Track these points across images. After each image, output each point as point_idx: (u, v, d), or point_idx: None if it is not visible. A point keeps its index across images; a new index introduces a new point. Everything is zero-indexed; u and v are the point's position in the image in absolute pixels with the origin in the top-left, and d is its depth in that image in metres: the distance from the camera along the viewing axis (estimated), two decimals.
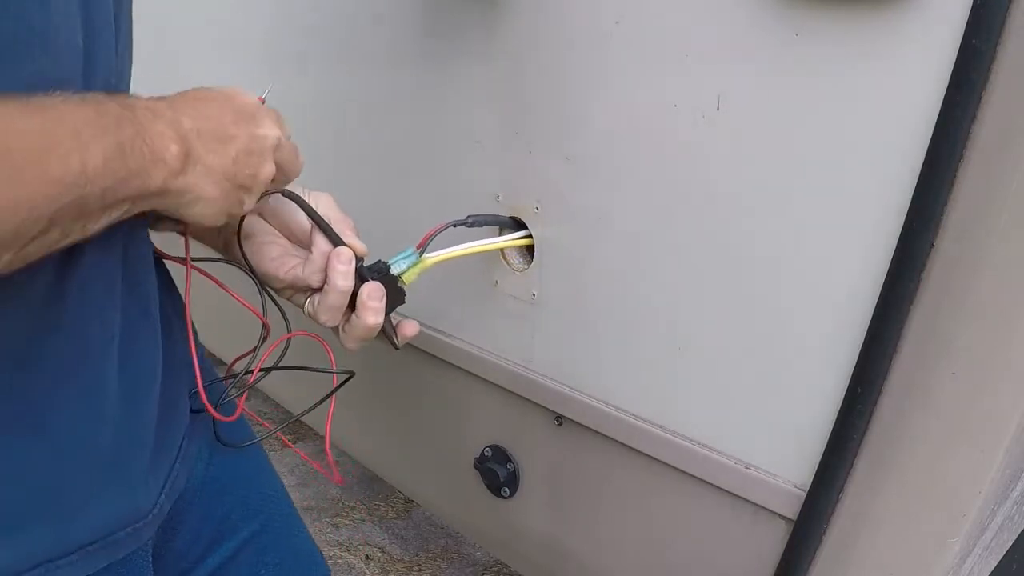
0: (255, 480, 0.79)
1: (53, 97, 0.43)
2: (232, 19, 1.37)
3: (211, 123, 0.53)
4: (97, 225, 0.46)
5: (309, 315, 0.67)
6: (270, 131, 0.57)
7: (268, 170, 0.57)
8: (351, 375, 0.71)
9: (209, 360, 0.76)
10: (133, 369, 0.58)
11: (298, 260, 0.67)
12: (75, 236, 0.45)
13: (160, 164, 0.47)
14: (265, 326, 0.67)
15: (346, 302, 0.64)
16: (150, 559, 0.63)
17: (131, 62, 0.61)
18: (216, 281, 0.69)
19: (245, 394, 0.68)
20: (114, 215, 0.46)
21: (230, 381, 0.67)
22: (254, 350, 0.67)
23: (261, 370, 0.66)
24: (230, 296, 0.69)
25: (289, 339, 0.68)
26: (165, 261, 0.68)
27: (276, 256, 0.67)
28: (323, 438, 0.74)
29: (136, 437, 0.59)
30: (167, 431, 0.64)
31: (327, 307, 0.63)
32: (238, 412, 0.69)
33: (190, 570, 0.71)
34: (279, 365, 0.69)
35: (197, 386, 0.64)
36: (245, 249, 0.66)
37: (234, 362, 0.71)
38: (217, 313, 0.83)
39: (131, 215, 0.49)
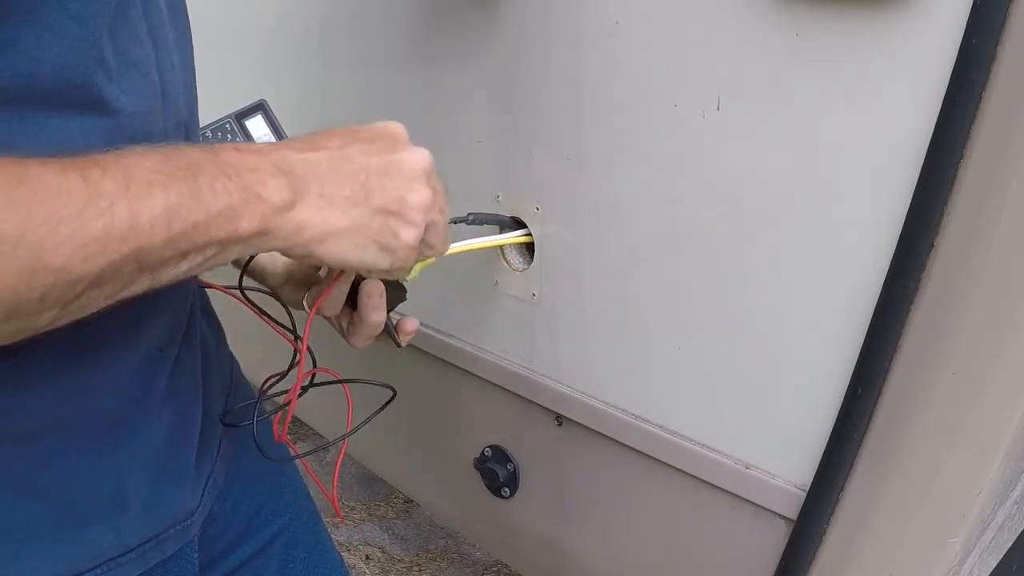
0: (282, 478, 0.81)
1: (110, 151, 0.40)
2: (231, 19, 1.37)
3: (331, 150, 0.49)
4: (175, 272, 0.43)
5: (308, 308, 0.67)
6: (413, 158, 0.52)
7: (422, 195, 0.51)
8: (394, 393, 0.72)
9: (241, 372, 0.80)
10: (180, 376, 0.60)
11: None
12: (142, 286, 0.42)
13: (255, 201, 0.43)
14: (297, 351, 0.68)
15: (345, 293, 0.64)
16: (196, 554, 0.64)
17: (197, 104, 0.62)
18: (253, 308, 0.70)
19: (289, 415, 0.68)
20: (197, 260, 0.43)
21: (264, 400, 0.68)
22: (285, 373, 0.69)
23: (301, 388, 0.67)
24: (255, 320, 0.71)
25: (314, 373, 0.69)
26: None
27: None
28: (322, 437, 0.74)
29: (185, 438, 0.62)
30: (208, 431, 0.66)
31: (327, 298, 0.63)
32: (283, 432, 0.69)
33: (218, 559, 0.72)
34: (314, 382, 0.69)
35: (230, 395, 0.68)
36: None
37: (266, 382, 0.72)
38: (244, 335, 0.85)
39: (235, 257, 0.45)
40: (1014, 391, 0.68)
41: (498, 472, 1.19)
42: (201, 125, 0.65)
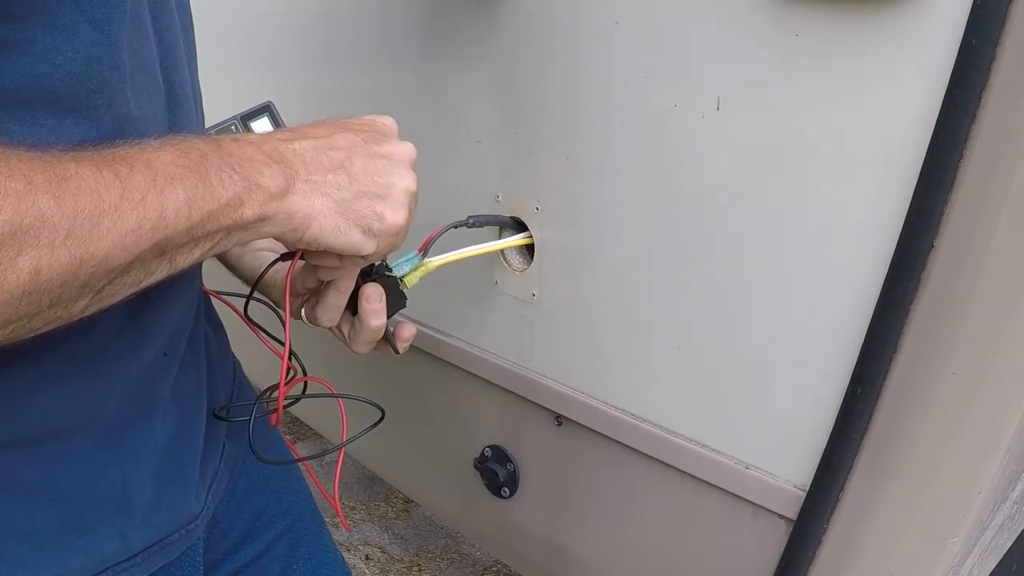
0: (285, 480, 0.81)
1: (129, 146, 0.42)
2: (230, 19, 1.37)
3: (317, 139, 0.51)
4: (188, 259, 0.45)
5: (307, 319, 0.66)
6: (399, 149, 0.55)
7: (409, 180, 0.54)
8: (382, 415, 0.72)
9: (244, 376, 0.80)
10: (184, 380, 0.61)
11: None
12: (161, 273, 0.44)
13: (256, 190, 0.46)
14: (290, 368, 0.69)
15: (344, 302, 0.64)
16: (200, 558, 0.64)
17: (203, 105, 0.63)
18: (249, 323, 0.70)
19: (279, 413, 0.69)
20: (206, 246, 0.45)
21: (261, 401, 0.68)
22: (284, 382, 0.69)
23: (297, 398, 0.68)
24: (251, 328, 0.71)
25: (306, 381, 0.70)
26: None
27: (270, 261, 0.67)
28: (322, 438, 0.74)
29: (189, 442, 0.62)
30: (211, 435, 0.66)
31: (327, 307, 0.63)
32: (276, 422, 0.70)
33: (222, 561, 0.72)
34: (306, 394, 0.70)
35: (233, 397, 0.69)
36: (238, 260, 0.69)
37: (264, 392, 0.73)
38: (247, 337, 0.86)
39: (234, 244, 0.47)
40: (1014, 391, 0.68)
41: (498, 472, 1.19)
42: (207, 126, 0.65)
